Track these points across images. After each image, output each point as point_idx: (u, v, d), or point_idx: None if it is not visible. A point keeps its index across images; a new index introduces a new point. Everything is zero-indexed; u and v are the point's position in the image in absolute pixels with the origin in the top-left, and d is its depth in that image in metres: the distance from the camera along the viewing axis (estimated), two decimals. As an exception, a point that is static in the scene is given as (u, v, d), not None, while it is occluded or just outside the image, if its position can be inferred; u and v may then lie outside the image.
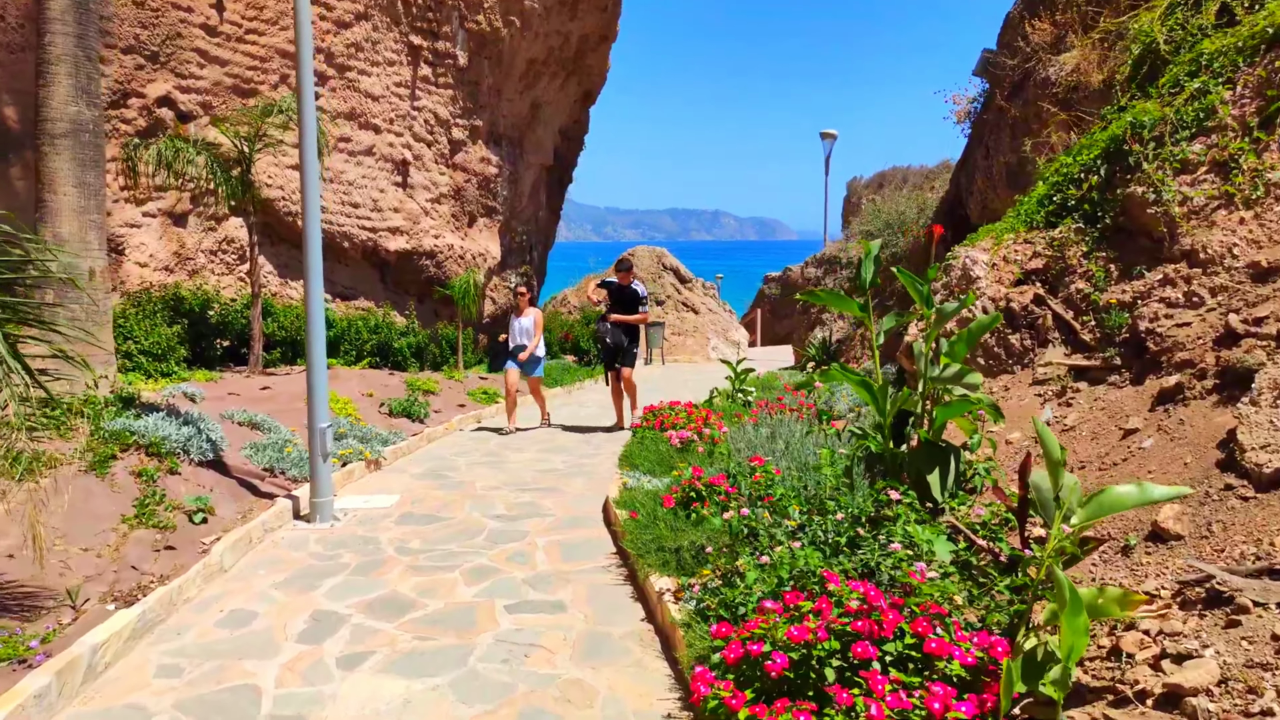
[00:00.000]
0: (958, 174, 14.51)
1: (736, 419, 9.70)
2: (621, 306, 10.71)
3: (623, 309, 10.71)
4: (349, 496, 7.25)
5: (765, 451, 6.88)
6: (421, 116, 16.93)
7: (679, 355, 23.31)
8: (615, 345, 10.72)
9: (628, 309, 10.73)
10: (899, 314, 4.83)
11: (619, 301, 10.72)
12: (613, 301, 10.74)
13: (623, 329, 10.72)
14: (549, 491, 7.50)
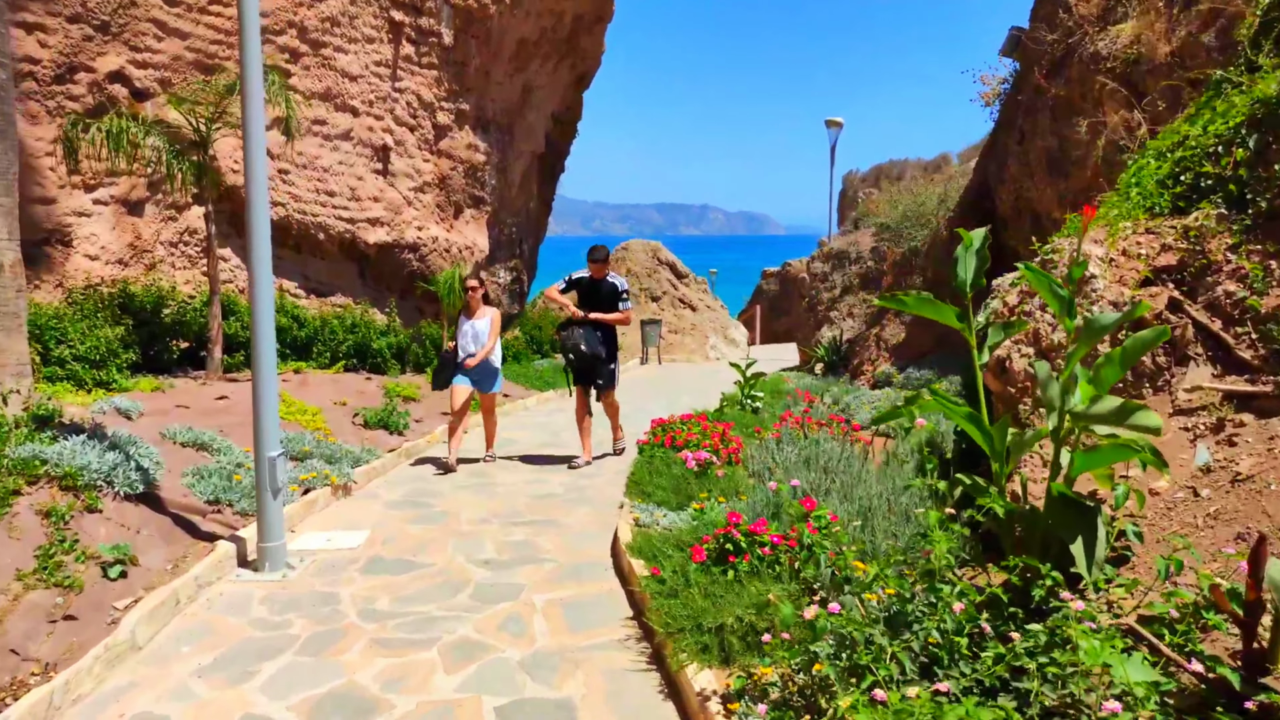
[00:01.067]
0: (984, 162, 13.44)
1: (756, 434, 8.61)
2: (596, 305, 8.49)
3: (598, 308, 8.47)
4: (308, 534, 6.10)
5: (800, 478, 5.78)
6: (403, 99, 15.73)
7: (676, 354, 22.20)
8: (590, 357, 8.29)
9: (604, 307, 8.48)
10: (1006, 324, 3.72)
11: (592, 300, 8.51)
12: (584, 301, 8.55)
13: (600, 335, 8.39)
14: (546, 526, 6.38)
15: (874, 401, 11.28)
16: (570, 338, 8.32)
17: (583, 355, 8.28)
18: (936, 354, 12.86)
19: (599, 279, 8.49)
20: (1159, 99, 8.10)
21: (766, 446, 7.71)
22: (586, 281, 8.51)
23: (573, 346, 8.28)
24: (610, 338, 8.59)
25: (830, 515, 4.45)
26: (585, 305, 8.51)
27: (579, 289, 8.54)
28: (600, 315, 8.42)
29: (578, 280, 8.53)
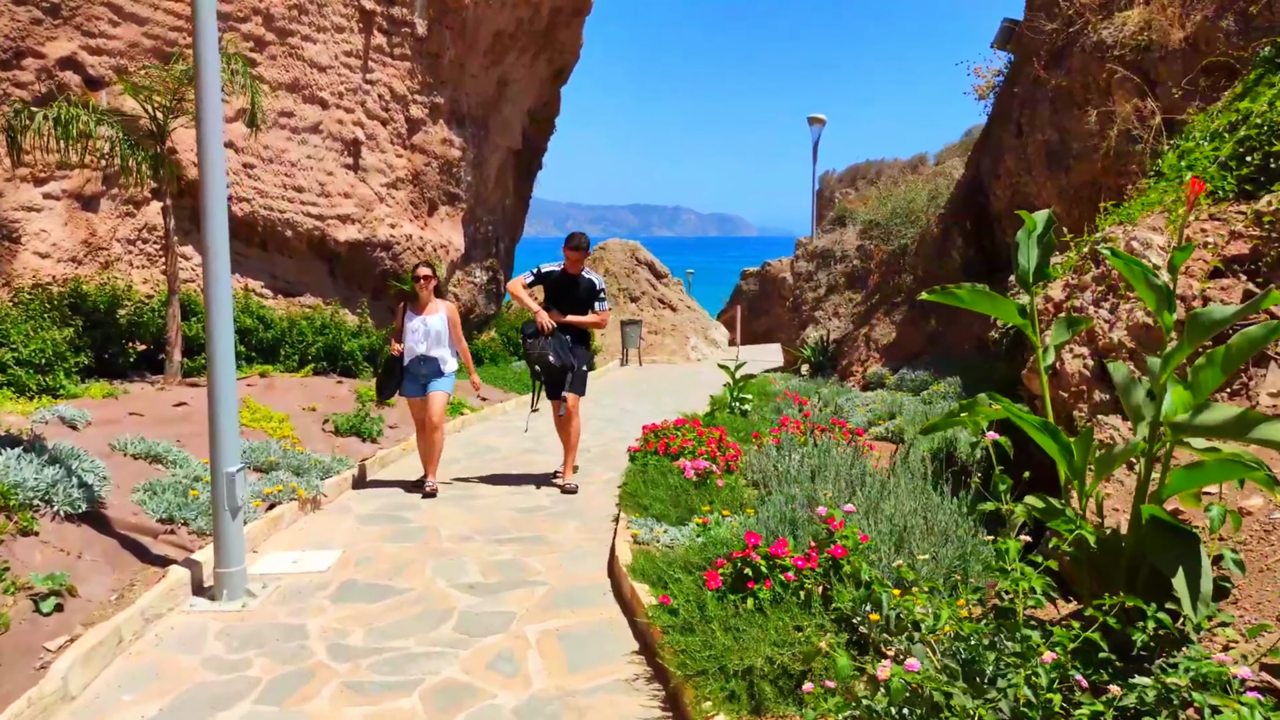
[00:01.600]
0: (977, 157, 13.10)
1: (754, 440, 8.14)
2: (569, 305, 7.36)
3: (571, 308, 7.36)
4: (273, 555, 5.54)
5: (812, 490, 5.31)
6: (375, 91, 15.11)
7: (657, 355, 21.72)
8: (562, 367, 7.13)
9: (579, 308, 7.38)
10: (1070, 320, 3.26)
11: (564, 299, 7.36)
12: (555, 299, 7.39)
13: (573, 340, 7.30)
14: (534, 543, 5.86)
15: (868, 404, 10.87)
16: (537, 345, 7.09)
17: (551, 368, 7.10)
18: (929, 354, 12.48)
19: (574, 274, 7.36)
20: (1174, 86, 7.74)
21: (766, 453, 7.25)
22: (558, 276, 7.36)
23: (539, 356, 7.07)
24: (584, 344, 7.51)
25: (860, 536, 3.98)
26: (556, 304, 7.35)
27: (549, 285, 7.39)
28: (574, 319, 7.32)
29: (548, 274, 7.38)
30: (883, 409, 10.25)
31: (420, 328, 7.20)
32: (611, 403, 14.23)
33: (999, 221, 12.59)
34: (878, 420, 10.08)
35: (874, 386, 12.75)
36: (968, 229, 12.89)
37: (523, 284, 7.42)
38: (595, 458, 9.14)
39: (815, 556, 4.07)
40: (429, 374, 7.24)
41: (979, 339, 11.91)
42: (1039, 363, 3.18)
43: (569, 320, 7.31)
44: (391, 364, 7.32)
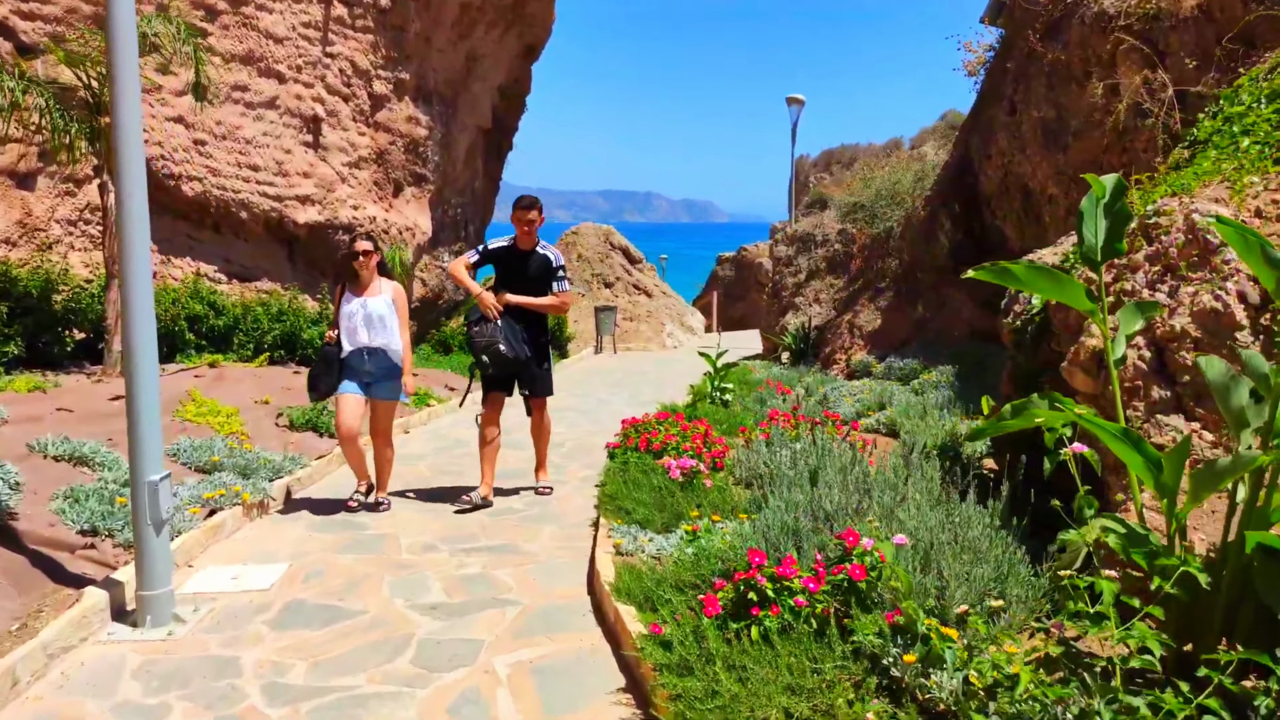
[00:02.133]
0: (966, 136, 12.63)
1: (741, 435, 7.62)
2: (521, 285, 6.27)
3: (525, 290, 6.27)
4: (210, 570, 4.92)
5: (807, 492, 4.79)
6: (336, 65, 14.35)
7: (632, 343, 21.16)
8: (514, 361, 6.12)
9: (533, 288, 6.30)
10: (1141, 304, 2.74)
11: (516, 278, 6.28)
12: (505, 280, 6.33)
13: (527, 327, 6.26)
14: (505, 553, 5.29)
15: (856, 394, 10.39)
16: (483, 334, 6.07)
17: (503, 359, 6.04)
18: (917, 341, 12.03)
19: (525, 249, 6.30)
20: (1186, 56, 7.28)
21: (756, 450, 6.73)
22: (507, 253, 6.31)
23: (488, 347, 6.04)
24: (540, 331, 6.45)
25: (880, 554, 3.45)
26: (508, 286, 6.29)
27: (498, 263, 6.38)
28: (527, 300, 6.22)
29: (496, 252, 6.36)
30: (872, 399, 9.77)
31: (359, 312, 6.05)
32: (586, 392, 13.67)
33: (989, 203, 12.15)
34: (867, 411, 9.60)
35: (860, 375, 12.29)
36: (956, 212, 12.44)
37: (466, 264, 6.38)
38: (570, 453, 8.59)
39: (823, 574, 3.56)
40: (375, 371, 6.10)
41: (970, 325, 11.48)
42: (1107, 356, 2.65)
43: (520, 302, 6.19)
44: (328, 355, 6.09)
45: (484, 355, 6.08)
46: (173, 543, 4.98)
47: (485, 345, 6.07)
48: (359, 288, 6.19)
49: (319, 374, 6.12)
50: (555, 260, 6.42)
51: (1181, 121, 7.20)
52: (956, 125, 35.25)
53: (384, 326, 6.10)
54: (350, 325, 6.08)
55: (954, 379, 9.69)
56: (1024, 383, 4.78)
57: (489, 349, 6.05)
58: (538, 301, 6.31)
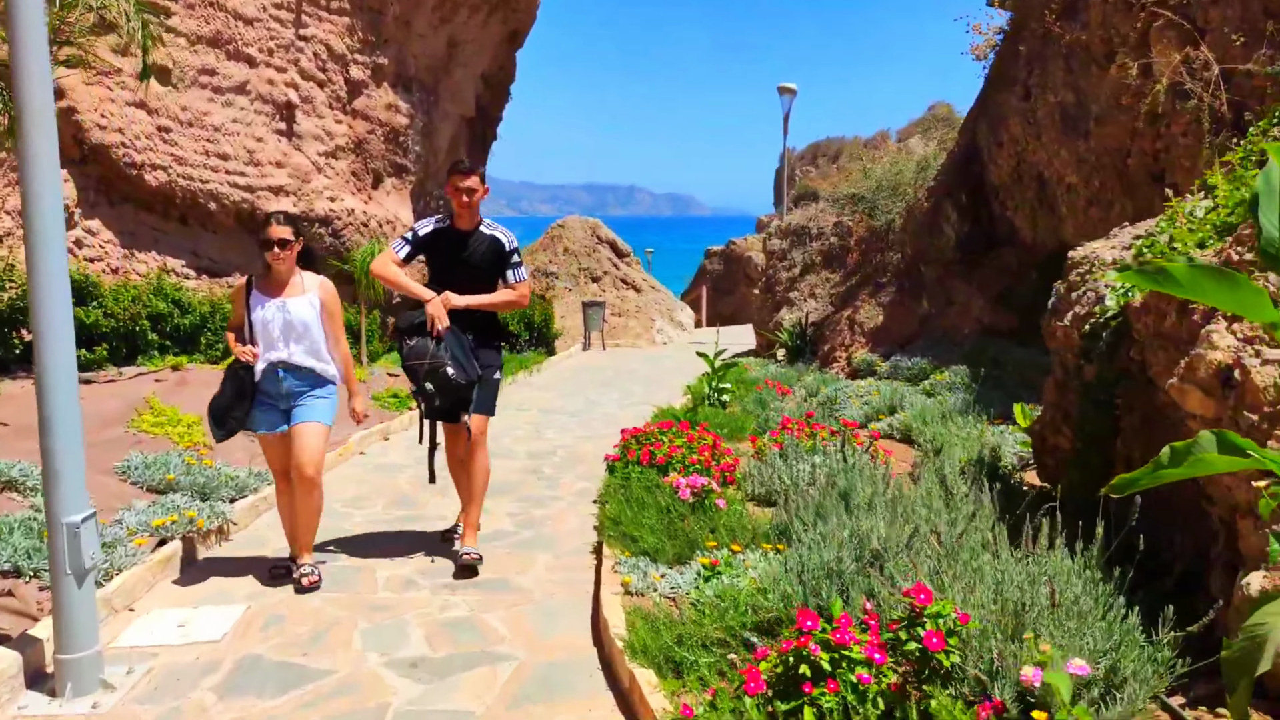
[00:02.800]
0: (973, 124, 12.06)
1: (751, 444, 7.01)
2: (464, 279, 4.85)
3: (468, 283, 4.85)
4: (154, 616, 4.25)
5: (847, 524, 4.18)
6: (310, 49, 13.60)
7: (620, 339, 20.52)
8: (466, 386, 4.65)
9: (483, 281, 4.93)
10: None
11: (456, 271, 4.87)
12: (442, 273, 4.91)
13: (478, 336, 4.87)
14: (495, 589, 4.65)
15: (863, 395, 9.81)
16: (421, 351, 4.55)
17: (453, 387, 4.56)
18: (923, 339, 11.47)
19: (466, 229, 4.86)
20: (1231, 32, 6.71)
21: (769, 462, 6.13)
22: (444, 237, 4.87)
23: (432, 370, 4.51)
24: (491, 334, 5.02)
25: (957, 613, 2.85)
26: (444, 280, 4.85)
27: (433, 252, 4.91)
28: (475, 300, 4.80)
29: (429, 239, 4.88)
30: (881, 402, 9.19)
31: (276, 319, 4.55)
32: (575, 392, 13.03)
33: (997, 194, 11.60)
34: (877, 415, 9.02)
35: (863, 374, 11.72)
36: (963, 202, 11.88)
37: (394, 260, 4.84)
38: (564, 462, 7.96)
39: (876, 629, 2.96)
40: (296, 393, 4.62)
41: (980, 322, 10.92)
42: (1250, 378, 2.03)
43: (468, 304, 4.75)
44: (239, 379, 4.57)
45: (428, 384, 4.52)
46: (113, 582, 4.33)
47: (429, 370, 4.50)
48: (273, 286, 4.66)
49: (225, 405, 4.58)
50: (507, 242, 4.94)
51: (1228, 103, 6.64)
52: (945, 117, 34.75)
53: (309, 337, 4.62)
54: (265, 334, 4.58)
55: (969, 380, 9.12)
56: (1087, 395, 4.18)
57: (435, 375, 4.51)
58: (490, 300, 4.87)
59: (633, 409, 11.52)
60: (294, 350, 4.61)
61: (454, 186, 4.83)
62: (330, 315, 4.74)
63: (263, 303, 4.64)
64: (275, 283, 4.69)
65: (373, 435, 8.80)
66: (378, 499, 6.53)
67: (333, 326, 4.76)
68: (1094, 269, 4.82)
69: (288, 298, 4.66)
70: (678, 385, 13.18)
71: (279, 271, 4.66)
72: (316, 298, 4.72)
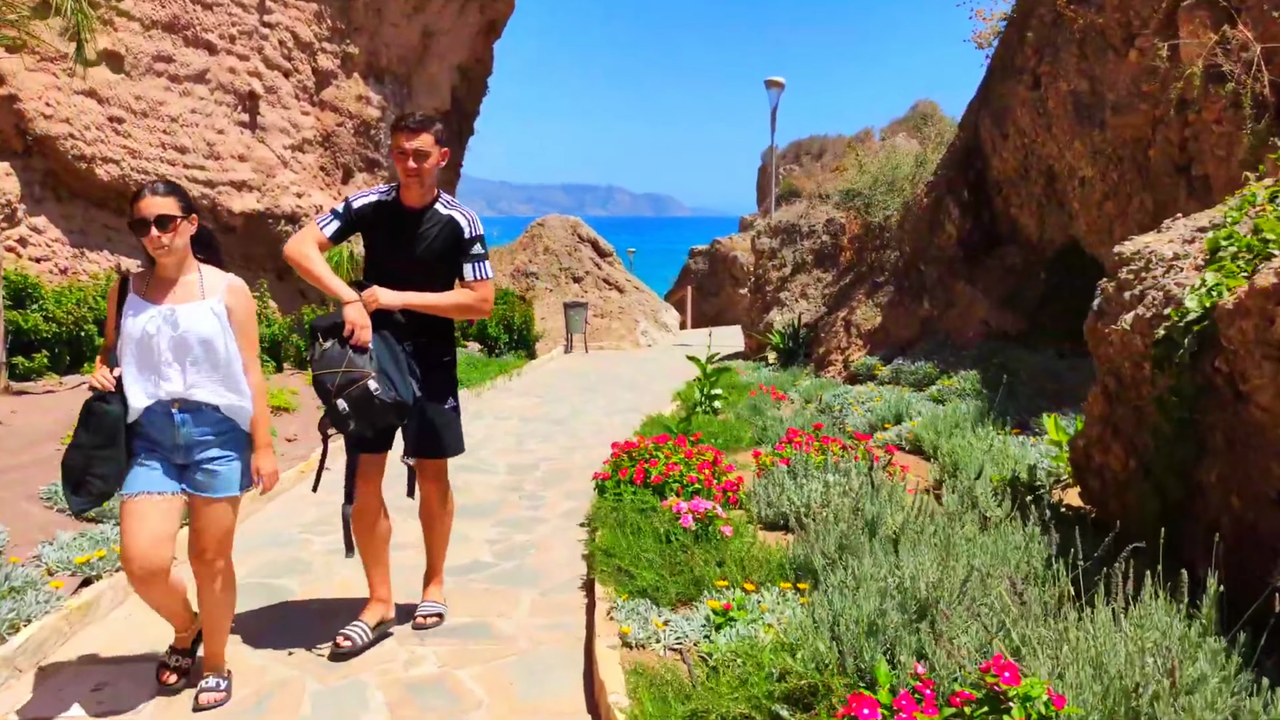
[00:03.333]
0: (975, 116, 11.54)
1: (753, 460, 6.42)
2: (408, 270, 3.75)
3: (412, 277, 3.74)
4: (64, 676, 3.59)
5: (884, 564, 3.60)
6: (275, 36, 12.89)
7: (604, 341, 19.89)
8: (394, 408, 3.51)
9: (430, 274, 3.79)
10: None
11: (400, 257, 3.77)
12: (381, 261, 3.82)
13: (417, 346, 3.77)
14: (471, 636, 4.02)
15: (865, 402, 9.26)
16: (334, 358, 3.47)
17: (376, 410, 3.45)
18: (924, 342, 10.92)
19: (418, 207, 3.74)
20: (1273, 9, 6.19)
21: (776, 481, 5.55)
22: (386, 213, 3.75)
23: (348, 389, 3.42)
24: (440, 347, 3.89)
25: (1051, 694, 2.25)
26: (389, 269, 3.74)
27: (371, 230, 3.79)
28: (419, 299, 3.69)
29: (365, 212, 3.76)
30: (886, 410, 8.63)
31: (161, 334, 3.19)
32: (559, 398, 12.40)
33: (1000, 189, 11.08)
34: (882, 423, 8.48)
35: (862, 379, 11.16)
36: (965, 198, 11.35)
37: (319, 239, 3.67)
38: (548, 477, 7.34)
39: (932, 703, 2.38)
40: (197, 446, 3.28)
41: (986, 324, 10.39)
42: None
43: (408, 303, 3.64)
44: (102, 417, 3.18)
45: (342, 402, 3.39)
46: (18, 636, 3.67)
47: (344, 385, 3.39)
48: (158, 287, 3.25)
49: (86, 457, 3.17)
50: (468, 226, 3.75)
51: (1270, 85, 6.12)
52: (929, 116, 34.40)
53: (214, 361, 3.24)
54: (139, 361, 3.20)
55: (980, 386, 8.58)
56: (1163, 412, 3.61)
57: (351, 392, 3.38)
58: (436, 300, 3.70)
59: (619, 416, 10.91)
60: (194, 380, 3.20)
61: (398, 149, 3.63)
62: (240, 328, 3.30)
63: (140, 308, 3.19)
64: (160, 282, 3.24)
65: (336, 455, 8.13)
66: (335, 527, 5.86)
67: (244, 345, 3.31)
68: (1149, 266, 4.26)
69: (178, 304, 3.21)
70: (666, 390, 12.59)
71: (164, 266, 3.22)
72: (221, 304, 3.26)
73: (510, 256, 22.46)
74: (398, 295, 3.64)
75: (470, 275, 3.79)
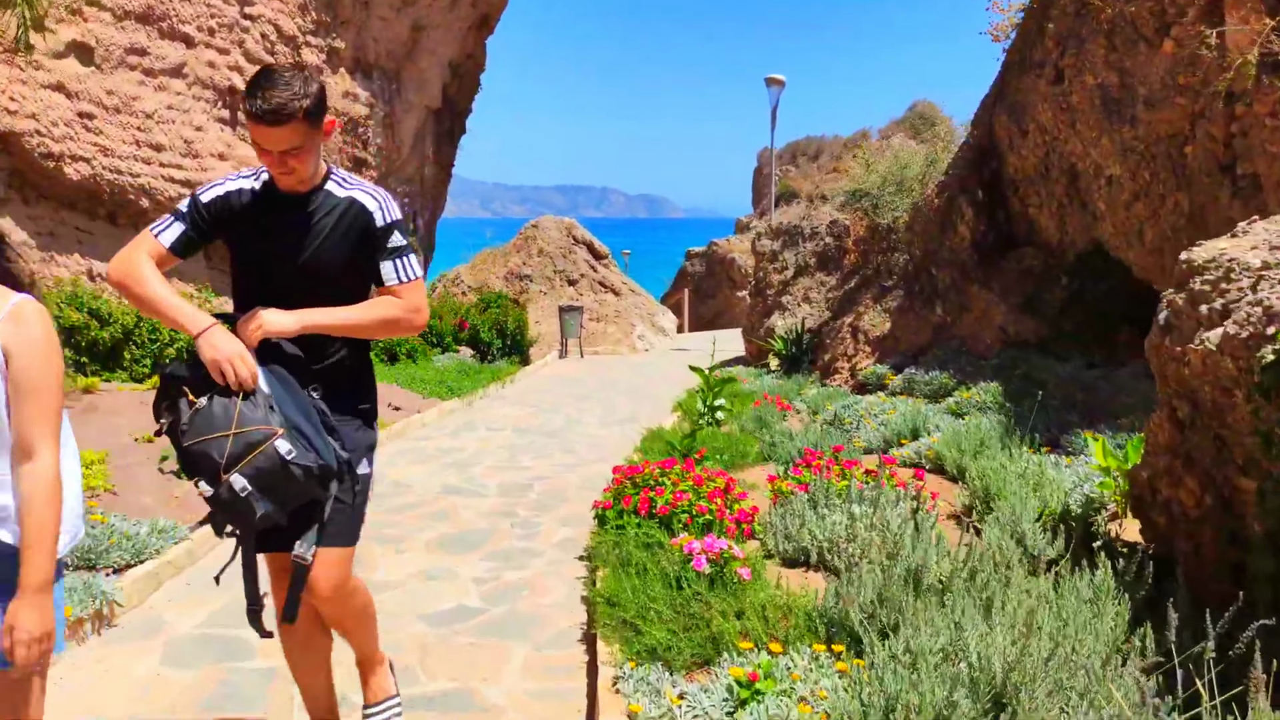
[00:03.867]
0: (989, 113, 11.03)
1: (769, 484, 5.88)
2: (298, 279, 2.57)
3: (305, 285, 2.58)
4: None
5: (952, 638, 3.07)
6: (257, 28, 12.32)
7: (600, 346, 19.34)
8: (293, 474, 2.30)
9: (331, 283, 2.61)
10: None
11: (281, 264, 2.57)
12: (253, 265, 2.63)
13: (327, 386, 2.56)
14: (452, 708, 3.47)
15: (877, 414, 8.71)
16: (216, 420, 2.31)
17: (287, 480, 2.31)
18: (937, 349, 10.40)
19: (300, 191, 2.55)
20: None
21: (795, 510, 5.01)
22: (259, 207, 2.58)
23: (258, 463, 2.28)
24: (357, 392, 2.72)
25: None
26: (268, 284, 2.59)
27: (235, 228, 2.61)
28: (323, 318, 2.54)
29: (229, 206, 2.60)
30: (901, 423, 8.09)
31: None
32: (553, 407, 11.86)
33: (1017, 189, 10.57)
34: (898, 439, 7.94)
35: (871, 388, 10.64)
36: (979, 198, 10.84)
37: (151, 250, 2.57)
38: (543, 500, 6.79)
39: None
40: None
41: (1004, 332, 9.86)
42: None
43: (312, 324, 2.52)
44: None
45: (240, 480, 2.26)
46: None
47: (239, 455, 2.28)
48: None
49: None
50: (379, 211, 2.62)
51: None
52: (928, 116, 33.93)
53: None
54: None
55: (1002, 399, 8.05)
56: (1270, 448, 3.08)
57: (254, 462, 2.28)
58: (352, 317, 2.58)
59: (618, 427, 10.40)
60: None
61: (257, 148, 2.43)
62: (22, 380, 1.89)
63: None
64: None
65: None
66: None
67: (23, 407, 1.89)
68: (1230, 276, 3.73)
69: None
70: (665, 397, 12.06)
71: None
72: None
73: (504, 259, 21.91)
74: (292, 315, 2.47)
75: (392, 277, 2.60)
